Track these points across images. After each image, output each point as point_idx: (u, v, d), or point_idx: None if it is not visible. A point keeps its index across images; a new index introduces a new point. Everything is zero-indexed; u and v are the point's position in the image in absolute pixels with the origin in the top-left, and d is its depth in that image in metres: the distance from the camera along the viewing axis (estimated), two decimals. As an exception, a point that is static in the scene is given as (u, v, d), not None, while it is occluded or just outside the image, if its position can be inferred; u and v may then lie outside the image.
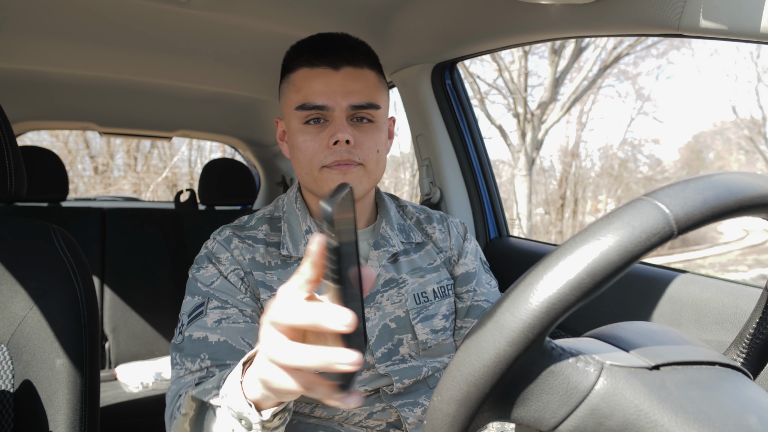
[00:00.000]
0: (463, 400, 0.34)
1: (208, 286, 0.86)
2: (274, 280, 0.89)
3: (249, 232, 0.93)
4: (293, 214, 0.95)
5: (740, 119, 12.22)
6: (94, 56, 1.69)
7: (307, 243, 0.90)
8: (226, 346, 0.79)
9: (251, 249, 0.90)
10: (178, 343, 0.82)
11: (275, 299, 0.46)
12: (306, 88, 0.85)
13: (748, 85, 15.47)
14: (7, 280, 0.90)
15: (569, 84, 10.04)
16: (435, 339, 0.95)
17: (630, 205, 0.35)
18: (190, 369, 0.78)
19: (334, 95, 0.84)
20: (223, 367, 0.77)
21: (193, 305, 0.84)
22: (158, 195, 12.08)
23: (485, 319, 0.35)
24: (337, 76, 0.84)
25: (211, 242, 0.92)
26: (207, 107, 2.52)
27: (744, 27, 0.71)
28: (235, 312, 0.83)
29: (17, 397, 0.87)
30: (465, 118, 1.66)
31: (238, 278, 0.87)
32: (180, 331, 0.83)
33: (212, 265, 0.88)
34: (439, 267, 1.01)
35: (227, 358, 0.78)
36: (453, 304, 1.01)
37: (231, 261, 0.88)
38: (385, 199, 1.02)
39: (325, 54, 0.84)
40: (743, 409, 0.34)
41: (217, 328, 0.81)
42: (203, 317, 0.82)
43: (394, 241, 0.96)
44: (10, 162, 0.91)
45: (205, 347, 0.79)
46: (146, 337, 2.18)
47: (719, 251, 11.68)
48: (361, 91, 0.85)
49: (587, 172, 13.67)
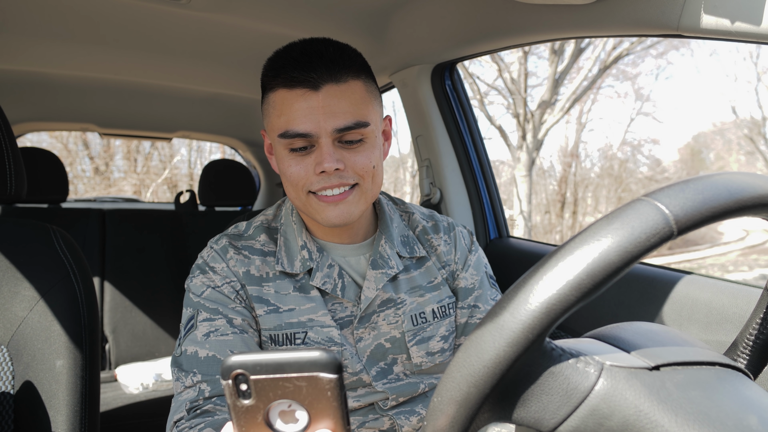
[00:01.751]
0: (464, 401, 0.34)
1: (198, 296, 0.85)
2: (270, 293, 0.87)
3: (246, 242, 0.91)
4: (290, 227, 0.92)
5: (740, 119, 12.23)
6: (94, 57, 1.69)
7: (302, 259, 0.88)
8: (214, 361, 0.79)
9: (247, 261, 0.88)
10: (177, 356, 0.83)
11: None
12: (287, 113, 0.79)
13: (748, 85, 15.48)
14: (8, 281, 0.90)
15: (569, 84, 10.05)
16: (431, 361, 0.93)
17: (629, 205, 0.35)
18: (185, 384, 0.80)
19: (317, 120, 0.77)
20: (213, 383, 0.79)
21: (187, 318, 0.85)
22: (158, 196, 12.08)
23: (485, 320, 0.35)
24: (317, 97, 0.77)
25: (207, 251, 0.90)
26: (207, 108, 2.52)
27: (744, 27, 0.71)
28: (222, 323, 0.82)
29: (17, 398, 0.87)
30: (465, 119, 1.66)
31: (233, 290, 0.85)
32: (179, 344, 0.84)
33: (205, 274, 0.87)
34: (440, 285, 0.96)
35: (216, 373, 0.79)
36: (453, 323, 0.97)
37: (226, 272, 0.86)
38: (385, 211, 0.96)
39: (303, 73, 0.77)
40: (743, 410, 0.34)
41: (206, 342, 0.81)
42: (194, 330, 0.82)
43: (393, 261, 0.91)
44: (10, 163, 0.91)
45: (195, 363, 0.80)
46: (146, 339, 2.18)
47: (719, 251, 11.68)
48: (346, 111, 0.78)
49: (587, 173, 13.68)
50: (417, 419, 0.92)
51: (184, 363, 0.81)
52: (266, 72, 0.83)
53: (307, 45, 0.81)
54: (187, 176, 12.72)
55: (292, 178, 0.81)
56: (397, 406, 0.91)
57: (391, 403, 0.90)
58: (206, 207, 2.57)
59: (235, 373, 0.38)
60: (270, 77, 0.82)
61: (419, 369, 0.93)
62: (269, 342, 0.86)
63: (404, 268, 0.94)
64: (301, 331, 0.86)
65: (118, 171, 12.41)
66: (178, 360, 0.82)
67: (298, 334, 0.86)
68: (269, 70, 0.82)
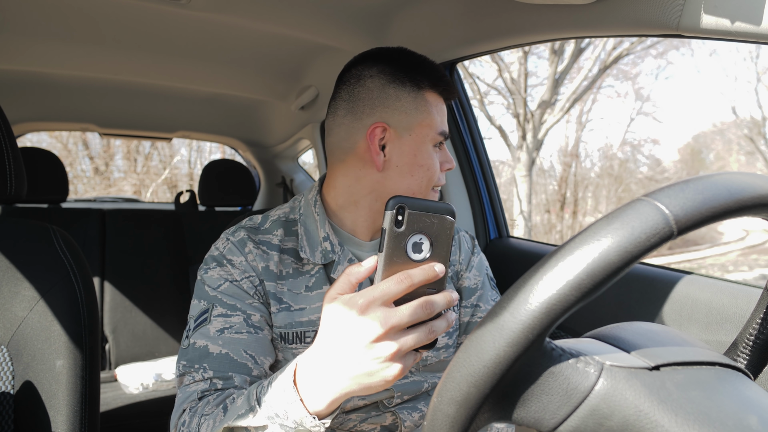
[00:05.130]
0: (463, 401, 0.34)
1: (215, 289, 0.83)
2: (284, 291, 0.86)
3: (264, 237, 0.89)
4: (311, 218, 0.91)
5: (740, 119, 12.22)
6: (94, 57, 1.69)
7: (323, 251, 0.88)
8: (227, 359, 0.78)
9: (265, 256, 0.87)
10: (185, 347, 0.81)
11: (346, 294, 0.56)
12: (441, 114, 0.89)
13: (748, 85, 15.47)
14: (8, 281, 0.90)
15: (569, 84, 10.05)
16: (436, 356, 0.94)
17: (629, 205, 0.35)
18: (194, 378, 0.78)
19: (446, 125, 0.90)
20: (226, 380, 0.77)
21: (200, 310, 0.83)
22: (158, 196, 12.08)
23: (485, 320, 0.35)
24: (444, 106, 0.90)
25: (223, 243, 0.88)
26: (207, 108, 2.52)
27: (744, 27, 0.71)
28: (239, 321, 0.81)
29: (17, 399, 0.87)
30: (465, 119, 1.66)
31: (252, 285, 0.84)
32: (187, 335, 0.82)
33: (222, 267, 0.85)
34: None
35: (229, 370, 0.77)
36: (458, 321, 1.00)
37: (245, 266, 0.85)
38: None
39: (444, 84, 0.89)
40: (743, 410, 0.34)
41: (219, 338, 0.79)
42: (207, 324, 0.80)
43: None
44: (10, 163, 0.91)
45: (206, 358, 0.78)
46: (146, 339, 2.18)
47: (719, 251, 11.67)
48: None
49: (587, 173, 13.68)
50: (419, 415, 0.93)
51: (193, 356, 0.79)
52: (417, 72, 0.88)
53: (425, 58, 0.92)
54: (187, 176, 12.72)
55: (431, 171, 0.87)
56: (400, 403, 0.92)
57: (396, 401, 0.90)
58: (206, 207, 2.57)
59: (399, 205, 0.54)
60: (418, 74, 0.87)
61: (425, 364, 0.94)
62: (279, 340, 0.85)
63: None
64: (311, 330, 0.86)
65: (118, 171, 12.41)
66: (186, 352, 0.80)
67: (308, 332, 0.86)
68: (421, 71, 0.88)
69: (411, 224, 0.54)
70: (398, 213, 0.54)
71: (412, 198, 0.55)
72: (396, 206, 0.54)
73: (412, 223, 0.54)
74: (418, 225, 0.55)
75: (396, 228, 0.54)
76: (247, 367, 0.79)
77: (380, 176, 0.86)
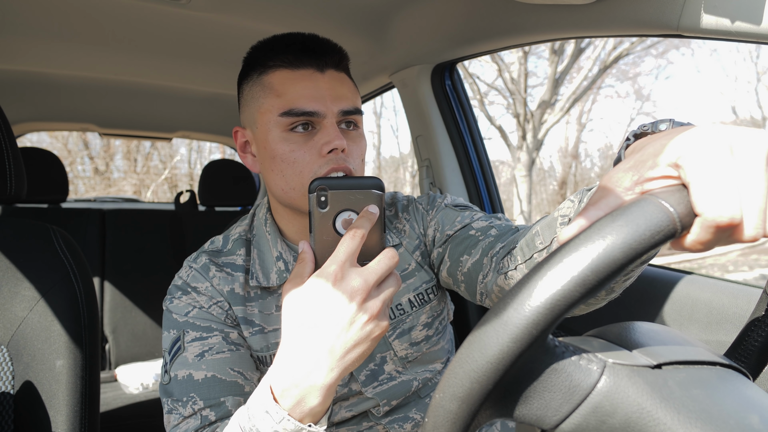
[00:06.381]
0: (466, 397, 0.34)
1: (184, 316, 0.78)
2: (254, 313, 0.82)
3: (227, 258, 0.85)
4: (263, 238, 0.86)
5: (740, 119, 12.23)
6: (94, 57, 1.69)
7: (278, 271, 0.83)
8: (216, 382, 0.73)
9: (230, 279, 0.82)
10: (166, 384, 0.75)
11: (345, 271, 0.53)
12: (290, 92, 0.75)
13: (748, 85, 15.49)
14: (8, 281, 0.89)
15: (569, 84, 10.06)
16: (417, 351, 0.90)
17: (634, 203, 0.35)
18: (183, 414, 0.72)
19: (324, 100, 0.75)
20: (218, 407, 0.72)
21: (171, 341, 0.77)
22: (158, 196, 12.08)
23: (489, 315, 0.34)
24: (324, 78, 0.77)
25: (186, 271, 0.83)
26: (207, 108, 2.52)
27: (744, 27, 0.71)
28: (218, 341, 0.76)
29: (17, 399, 0.87)
30: (465, 119, 1.66)
31: (222, 310, 0.80)
32: (165, 370, 0.76)
33: (188, 295, 0.80)
34: (414, 271, 0.92)
35: (220, 395, 0.72)
36: (436, 308, 0.94)
37: (211, 291, 0.80)
38: None
39: (309, 55, 0.76)
40: (745, 409, 0.34)
41: (201, 362, 0.74)
42: (183, 353, 0.75)
43: None
44: (10, 163, 0.91)
45: (192, 387, 0.73)
46: (146, 339, 2.18)
47: (719, 251, 11.68)
48: (347, 96, 0.78)
49: (587, 173, 13.69)
50: (411, 425, 0.89)
51: (177, 390, 0.73)
52: (261, 53, 0.80)
53: (302, 34, 0.82)
54: (187, 176, 12.72)
55: (297, 164, 0.75)
56: (390, 412, 0.89)
57: (385, 409, 0.87)
58: (206, 207, 2.57)
59: (320, 187, 0.55)
60: (268, 57, 0.79)
61: (407, 361, 0.90)
62: (257, 363, 0.82)
63: None
64: None
65: (118, 171, 12.42)
66: (168, 388, 0.74)
67: None
68: (266, 51, 0.79)
69: (335, 203, 0.56)
70: (320, 194, 0.55)
71: (334, 178, 0.57)
72: (317, 188, 0.55)
73: (335, 201, 0.56)
74: (344, 202, 0.56)
75: (320, 209, 0.56)
76: (238, 384, 0.75)
77: (265, 178, 0.82)
